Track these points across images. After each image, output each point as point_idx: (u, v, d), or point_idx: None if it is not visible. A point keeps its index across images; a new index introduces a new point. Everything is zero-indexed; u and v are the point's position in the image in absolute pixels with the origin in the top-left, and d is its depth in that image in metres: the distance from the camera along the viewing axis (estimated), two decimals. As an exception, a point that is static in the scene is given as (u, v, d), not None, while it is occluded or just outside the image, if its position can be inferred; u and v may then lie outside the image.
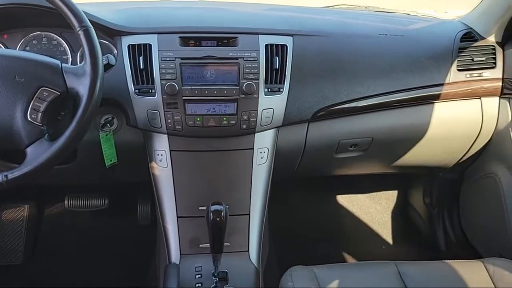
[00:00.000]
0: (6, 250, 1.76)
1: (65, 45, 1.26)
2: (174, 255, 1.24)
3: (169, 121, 1.19)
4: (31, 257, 1.79)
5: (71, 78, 0.96)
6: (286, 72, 1.24)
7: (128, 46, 1.19)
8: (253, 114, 1.21)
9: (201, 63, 1.19)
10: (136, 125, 1.21)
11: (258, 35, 1.24)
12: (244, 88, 1.18)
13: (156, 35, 1.21)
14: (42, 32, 1.25)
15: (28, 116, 0.95)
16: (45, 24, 1.24)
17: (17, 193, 1.79)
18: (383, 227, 2.03)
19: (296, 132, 1.32)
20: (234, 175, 1.27)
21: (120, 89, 1.18)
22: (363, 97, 1.32)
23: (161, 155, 1.24)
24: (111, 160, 1.24)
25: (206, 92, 1.18)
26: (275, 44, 1.24)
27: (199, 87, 1.18)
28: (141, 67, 1.17)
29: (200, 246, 1.24)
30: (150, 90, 1.18)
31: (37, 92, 0.95)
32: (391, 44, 1.37)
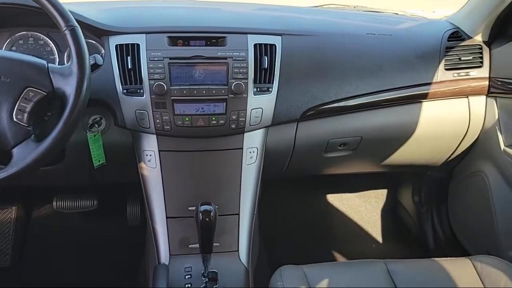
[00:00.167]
0: (-6, 253, 1.75)
1: (52, 45, 1.25)
2: (164, 256, 1.23)
3: (158, 121, 1.18)
4: (19, 260, 1.77)
5: (58, 78, 0.96)
6: (275, 72, 1.24)
7: (116, 46, 1.18)
8: (242, 114, 1.21)
9: (190, 63, 1.18)
10: (125, 126, 1.20)
11: (247, 35, 1.24)
12: (233, 88, 1.18)
13: (144, 35, 1.20)
14: (29, 32, 1.24)
15: (14, 117, 0.94)
16: (32, 24, 1.23)
17: (4, 195, 1.77)
18: (373, 226, 2.04)
19: (285, 132, 1.33)
20: (223, 175, 1.27)
21: (108, 89, 1.17)
22: (352, 96, 1.32)
23: (150, 156, 1.23)
24: (100, 161, 1.23)
25: (195, 92, 1.17)
26: (264, 44, 1.23)
27: (188, 87, 1.17)
28: (129, 67, 1.17)
29: (190, 247, 1.24)
30: (138, 90, 1.17)
31: (23, 93, 0.94)
32: (379, 44, 1.38)
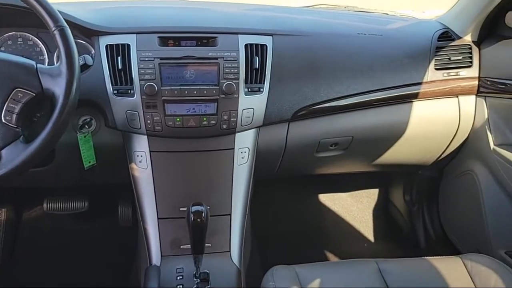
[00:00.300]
0: (-17, 255, 1.73)
1: (42, 46, 1.24)
2: (155, 257, 1.23)
3: (149, 122, 1.18)
4: (9, 262, 1.76)
5: (47, 79, 0.95)
6: (266, 72, 1.24)
7: (106, 46, 1.18)
8: (233, 114, 1.21)
9: (181, 63, 1.18)
10: (115, 126, 1.19)
11: (238, 35, 1.24)
12: (224, 88, 1.17)
13: (135, 35, 1.19)
14: (17, 32, 1.23)
15: (3, 118, 0.93)
16: (21, 24, 1.22)
17: None
18: (365, 225, 2.05)
19: (277, 132, 1.33)
20: (215, 176, 1.27)
21: (98, 90, 1.16)
22: (343, 96, 1.33)
23: (141, 156, 1.23)
24: (90, 162, 1.23)
25: (186, 92, 1.17)
26: (255, 44, 1.23)
27: (179, 87, 1.17)
28: (120, 68, 1.16)
29: (181, 248, 1.24)
30: (129, 91, 1.16)
31: (12, 93, 0.93)
32: (370, 44, 1.39)
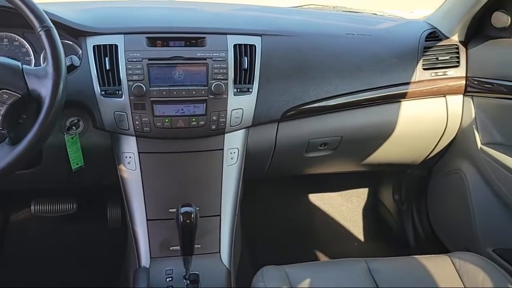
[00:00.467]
0: (-30, 259, 1.71)
1: (28, 46, 1.22)
2: (144, 259, 1.22)
3: (137, 123, 1.17)
4: None
5: (33, 80, 0.94)
6: (255, 72, 1.24)
7: (94, 47, 1.17)
8: (223, 115, 1.20)
9: (169, 64, 1.17)
10: (103, 128, 1.19)
11: (227, 35, 1.23)
12: (213, 89, 1.17)
13: (123, 36, 1.18)
14: (3, 33, 1.21)
15: None
16: (6, 25, 1.20)
17: None
18: (355, 225, 2.06)
19: (266, 132, 1.33)
20: (204, 176, 1.26)
21: (85, 91, 1.15)
22: (332, 96, 1.33)
23: (130, 158, 1.22)
24: (78, 164, 1.21)
25: (175, 93, 1.17)
26: (244, 44, 1.23)
27: (167, 88, 1.16)
28: (107, 68, 1.15)
29: (171, 249, 1.23)
30: (117, 92, 1.16)
31: None
32: (359, 44, 1.39)
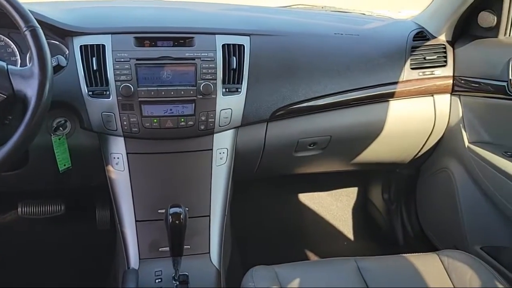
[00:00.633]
0: (-44, 262, 1.68)
1: (14, 46, 1.21)
2: (133, 260, 1.21)
3: (125, 123, 1.16)
4: None
5: (18, 81, 0.93)
6: (244, 72, 1.23)
7: (81, 47, 1.16)
8: (211, 115, 1.20)
9: (157, 64, 1.16)
10: (91, 128, 1.18)
11: (215, 35, 1.23)
12: (202, 89, 1.17)
13: (110, 35, 1.17)
14: None
15: None
16: None
17: None
18: (344, 224, 2.07)
19: (255, 132, 1.32)
20: (193, 177, 1.26)
21: (72, 91, 1.14)
22: (320, 96, 1.33)
23: (118, 159, 1.21)
24: (65, 165, 1.20)
25: (163, 93, 1.16)
26: (232, 44, 1.23)
27: (156, 88, 1.16)
28: (95, 68, 1.14)
29: (160, 250, 1.22)
30: (105, 92, 1.15)
31: None
32: (347, 44, 1.40)
